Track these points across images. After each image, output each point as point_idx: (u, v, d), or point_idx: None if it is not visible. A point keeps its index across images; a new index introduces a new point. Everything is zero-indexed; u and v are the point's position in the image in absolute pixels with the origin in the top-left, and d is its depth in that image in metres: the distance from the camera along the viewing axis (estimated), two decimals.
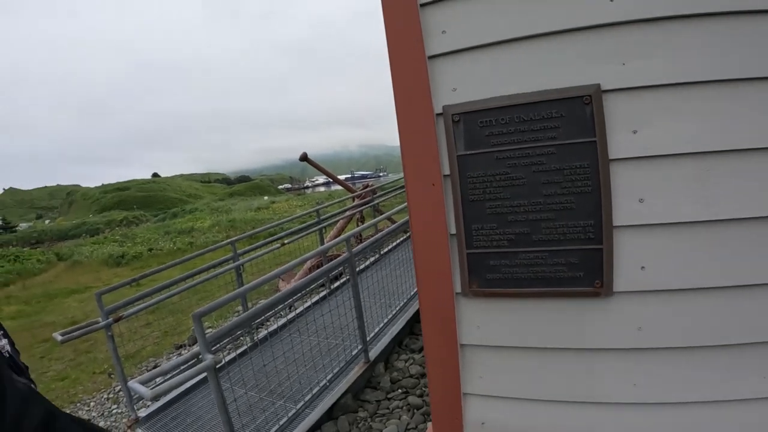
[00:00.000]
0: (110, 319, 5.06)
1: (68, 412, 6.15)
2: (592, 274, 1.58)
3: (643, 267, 1.55)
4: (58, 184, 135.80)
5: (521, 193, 1.60)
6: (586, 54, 1.51)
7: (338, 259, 4.88)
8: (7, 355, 3.57)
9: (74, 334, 5.54)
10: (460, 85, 1.63)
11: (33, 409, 1.15)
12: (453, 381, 1.81)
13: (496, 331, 1.73)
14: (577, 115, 1.52)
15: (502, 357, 1.74)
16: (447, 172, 1.68)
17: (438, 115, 1.66)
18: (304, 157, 13.03)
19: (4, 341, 3.66)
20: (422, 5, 1.64)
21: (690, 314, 1.53)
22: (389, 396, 5.10)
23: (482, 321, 1.74)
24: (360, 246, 5.51)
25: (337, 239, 5.41)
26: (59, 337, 5.23)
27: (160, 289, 5.61)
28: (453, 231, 1.71)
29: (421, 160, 1.68)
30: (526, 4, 1.54)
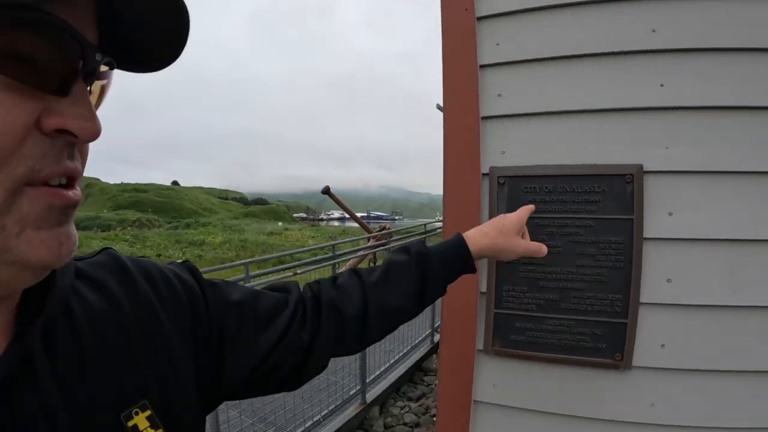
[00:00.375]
0: None
1: None
2: (614, 347, 1.61)
3: (663, 345, 1.58)
4: None
5: (555, 260, 1.65)
6: (633, 134, 1.57)
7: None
8: None
9: None
10: (509, 149, 1.70)
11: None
12: None
13: (512, 391, 1.75)
14: (617, 192, 1.57)
15: (513, 417, 1.75)
16: None
17: (484, 174, 1.72)
18: (327, 191, 13.20)
19: None
20: (482, 66, 1.72)
21: (703, 394, 1.55)
22: None
23: (500, 380, 1.76)
24: None
25: None
26: None
27: None
28: (483, 289, 1.74)
29: (462, 216, 1.73)
30: (581, 78, 1.62)
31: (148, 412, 0.63)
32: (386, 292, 1.04)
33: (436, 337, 7.79)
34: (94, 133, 0.49)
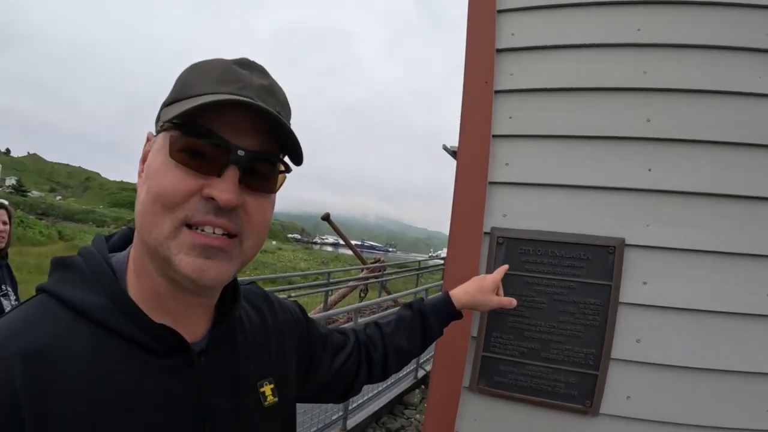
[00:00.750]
0: None
1: None
2: (585, 394, 1.82)
3: (628, 396, 1.80)
4: (80, 166, 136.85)
5: (540, 315, 1.88)
6: (620, 210, 1.84)
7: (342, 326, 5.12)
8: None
9: None
10: (510, 213, 1.94)
11: None
12: None
13: (491, 427, 1.96)
14: (600, 260, 1.82)
15: None
16: None
17: (486, 233, 1.96)
18: (327, 217, 13.47)
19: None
20: (495, 136, 1.97)
21: None
22: None
23: (481, 416, 1.96)
24: (365, 319, 5.73)
25: (345, 308, 5.61)
26: None
27: None
28: (474, 334, 1.96)
29: (462, 269, 1.94)
30: (579, 157, 1.88)
31: (272, 386, 0.99)
32: (398, 338, 1.45)
33: (420, 372, 8.02)
34: (227, 202, 0.74)
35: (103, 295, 0.77)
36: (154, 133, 0.81)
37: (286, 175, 0.85)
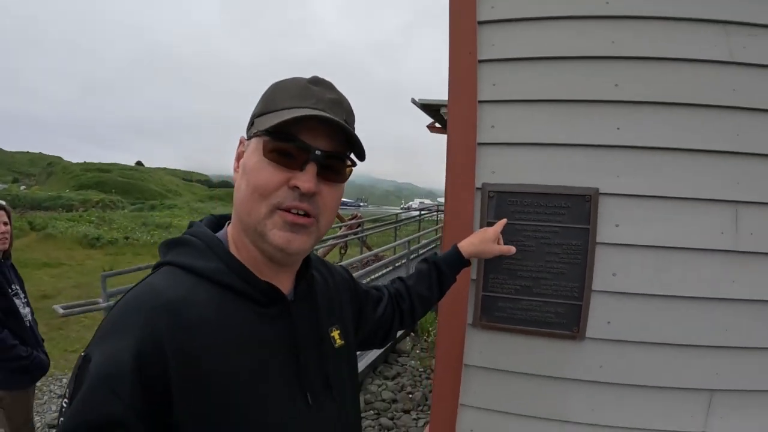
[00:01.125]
0: (112, 302, 5.33)
1: (38, 384, 6.30)
2: (572, 322, 2.12)
3: (608, 322, 2.10)
4: (41, 152, 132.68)
5: (529, 257, 2.15)
6: (593, 165, 2.10)
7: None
8: (28, 325, 3.93)
9: (75, 310, 5.84)
10: (498, 170, 2.18)
11: None
12: (453, 393, 2.26)
13: (494, 356, 2.23)
14: (579, 207, 2.09)
15: (494, 377, 2.23)
16: None
17: (477, 189, 2.19)
18: None
19: (27, 309, 4.01)
20: (480, 102, 2.20)
21: (638, 359, 2.09)
22: (362, 416, 5.57)
23: (484, 348, 2.24)
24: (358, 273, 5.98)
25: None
26: (60, 311, 5.53)
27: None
28: (474, 277, 2.21)
29: (460, 221, 2.20)
30: (556, 119, 2.13)
31: (338, 331, 1.25)
32: (420, 288, 1.75)
33: None
34: (308, 190, 0.98)
35: (219, 261, 1.02)
36: (246, 138, 1.06)
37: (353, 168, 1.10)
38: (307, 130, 0.98)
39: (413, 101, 10.80)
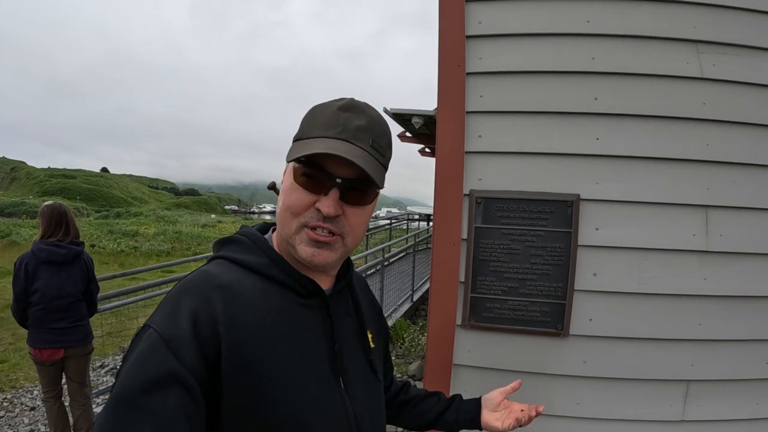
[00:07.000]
0: None
1: (8, 397, 6.06)
2: (557, 320, 2.24)
3: (591, 319, 2.24)
4: (4, 156, 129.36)
5: (516, 259, 2.27)
6: (574, 172, 2.24)
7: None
8: None
9: None
10: (485, 177, 2.30)
11: None
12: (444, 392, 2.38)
13: (482, 355, 2.33)
14: (561, 212, 2.22)
15: (483, 374, 2.34)
16: (465, 237, 2.30)
17: (465, 195, 2.30)
18: (273, 186, 13.47)
19: None
20: (468, 112, 2.32)
21: (619, 354, 2.22)
22: None
23: (473, 347, 2.34)
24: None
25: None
26: None
27: (126, 293, 6.09)
28: (462, 279, 2.32)
29: (448, 226, 2.31)
30: (540, 129, 2.26)
31: (371, 336, 1.31)
32: (421, 404, 1.65)
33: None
34: (329, 213, 1.07)
35: (265, 257, 1.14)
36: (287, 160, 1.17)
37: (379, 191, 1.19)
38: (332, 160, 1.08)
39: (385, 110, 10.89)
